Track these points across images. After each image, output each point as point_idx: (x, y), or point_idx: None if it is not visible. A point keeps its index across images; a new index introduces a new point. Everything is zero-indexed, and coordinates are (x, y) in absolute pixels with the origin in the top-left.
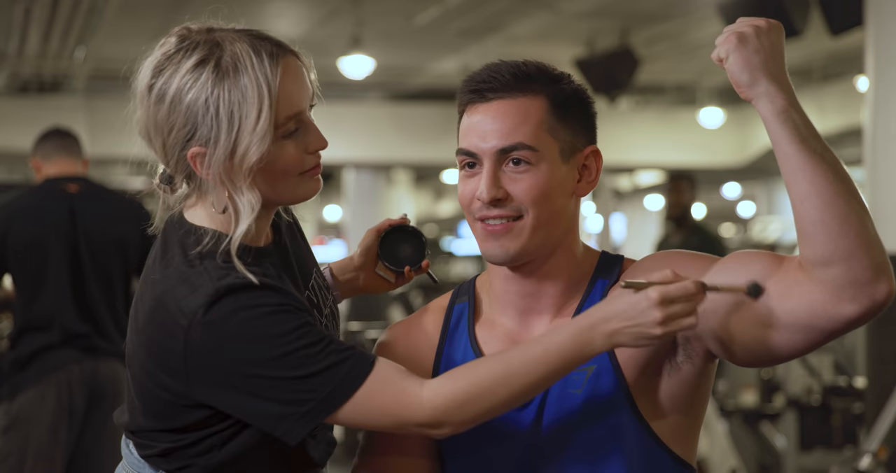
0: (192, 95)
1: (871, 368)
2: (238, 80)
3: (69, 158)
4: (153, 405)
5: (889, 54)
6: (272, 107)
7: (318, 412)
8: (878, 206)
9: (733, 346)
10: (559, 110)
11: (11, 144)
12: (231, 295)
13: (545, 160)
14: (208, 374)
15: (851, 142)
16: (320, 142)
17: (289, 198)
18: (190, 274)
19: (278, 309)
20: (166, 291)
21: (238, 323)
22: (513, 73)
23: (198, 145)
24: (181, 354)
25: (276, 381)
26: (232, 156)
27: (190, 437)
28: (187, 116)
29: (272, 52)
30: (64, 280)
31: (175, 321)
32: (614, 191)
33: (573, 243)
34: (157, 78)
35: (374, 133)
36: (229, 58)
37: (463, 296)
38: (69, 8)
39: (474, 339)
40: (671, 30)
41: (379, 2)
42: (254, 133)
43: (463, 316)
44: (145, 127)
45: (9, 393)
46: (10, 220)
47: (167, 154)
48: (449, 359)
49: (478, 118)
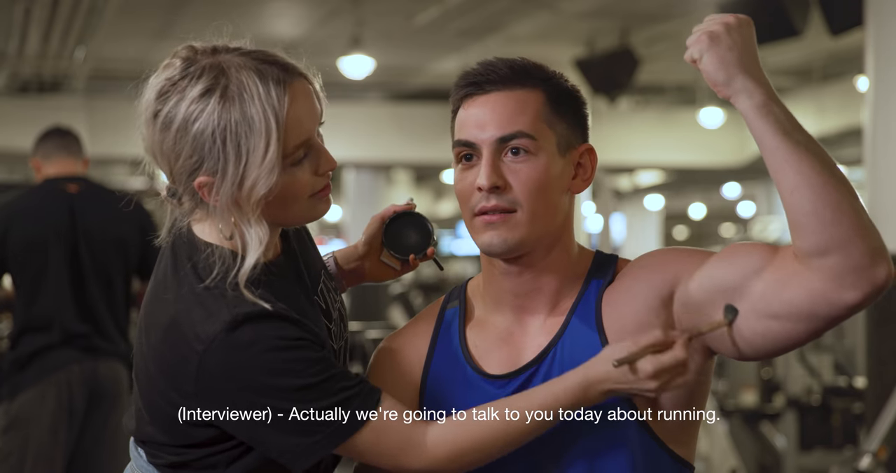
0: (199, 126)
1: (871, 368)
2: (245, 111)
3: (69, 158)
4: (161, 419)
5: (889, 54)
6: (280, 139)
7: (324, 444)
8: (878, 206)
9: (736, 340)
10: (555, 104)
11: (11, 144)
12: (249, 324)
13: (543, 150)
14: (219, 398)
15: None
16: (330, 164)
17: (299, 221)
18: (205, 298)
19: (295, 343)
20: (181, 312)
21: (255, 353)
22: (510, 67)
23: (205, 175)
24: (193, 376)
25: (286, 412)
26: (240, 188)
27: (195, 453)
28: (194, 147)
29: (279, 79)
30: (64, 280)
31: (189, 344)
32: (614, 191)
33: (569, 241)
34: (163, 104)
35: (374, 133)
36: (235, 87)
37: (454, 301)
38: (69, 8)
39: (464, 343)
40: (671, 30)
41: (379, 2)
42: (262, 166)
43: (454, 320)
44: (151, 150)
45: (9, 393)
46: (10, 220)
47: (175, 178)
48: (439, 366)
49: (475, 109)
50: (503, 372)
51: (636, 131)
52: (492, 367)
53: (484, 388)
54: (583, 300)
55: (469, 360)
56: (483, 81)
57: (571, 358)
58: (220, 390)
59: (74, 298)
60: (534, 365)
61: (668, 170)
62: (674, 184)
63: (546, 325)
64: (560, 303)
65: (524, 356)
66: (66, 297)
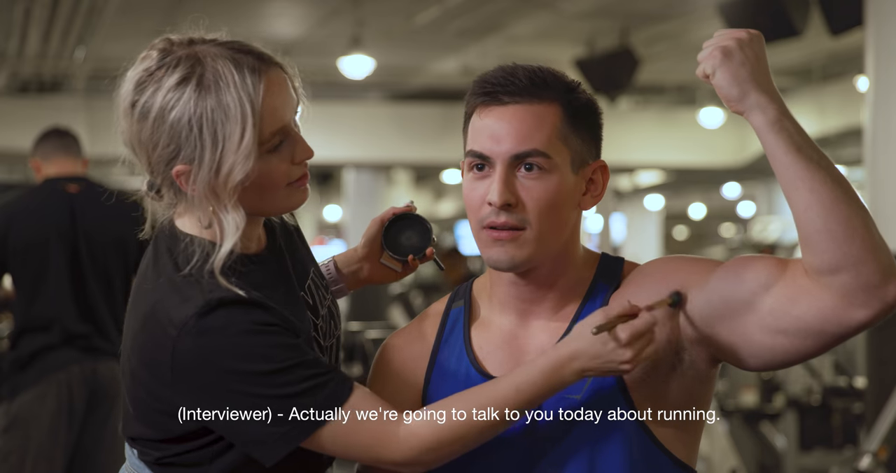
0: (175, 114)
1: (871, 368)
2: (221, 99)
3: (69, 158)
4: (145, 413)
5: (889, 54)
6: (256, 125)
7: (295, 435)
8: (878, 206)
9: (742, 353)
10: (572, 119)
11: (11, 144)
12: (222, 309)
13: (557, 168)
14: (193, 385)
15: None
16: (306, 153)
17: (276, 210)
18: (181, 285)
19: (266, 328)
20: (158, 301)
21: (227, 336)
22: (529, 78)
23: (182, 164)
24: (168, 363)
25: (258, 399)
26: (217, 175)
27: (178, 448)
28: (171, 135)
29: (254, 67)
30: (64, 280)
31: (164, 331)
32: (614, 191)
33: (574, 250)
34: (140, 94)
35: (374, 133)
36: (211, 75)
37: (459, 300)
38: (69, 8)
39: (469, 343)
40: (671, 30)
41: (379, 2)
42: (238, 152)
43: (458, 319)
44: (129, 141)
45: (9, 392)
46: (10, 220)
47: (153, 169)
48: (442, 365)
49: (491, 121)
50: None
51: (636, 131)
52: (495, 369)
53: None
54: (587, 306)
55: (473, 361)
56: (501, 92)
57: None
58: (194, 376)
59: (74, 298)
60: None
61: (668, 170)
62: (674, 184)
63: (550, 328)
64: (565, 307)
65: (527, 356)
66: (67, 297)
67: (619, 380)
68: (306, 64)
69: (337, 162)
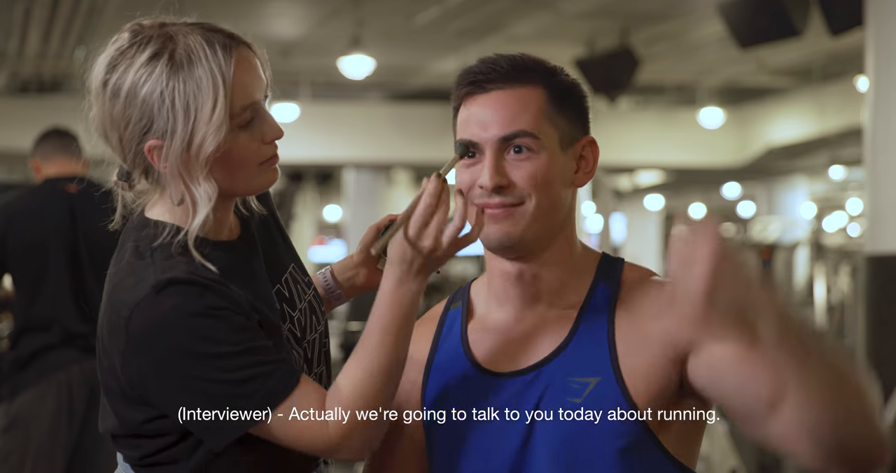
0: (148, 88)
1: (871, 368)
2: (192, 72)
3: (69, 158)
4: (113, 404)
5: (889, 54)
6: (227, 97)
7: (238, 423)
8: (878, 206)
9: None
10: (557, 100)
11: (11, 144)
12: (171, 288)
13: (545, 148)
14: (144, 367)
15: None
16: (276, 132)
17: (246, 189)
18: (137, 267)
19: (216, 312)
20: (116, 285)
21: (175, 317)
22: (510, 64)
23: (154, 138)
24: (122, 345)
25: (203, 382)
26: (188, 147)
27: (152, 445)
28: (143, 110)
29: (225, 44)
30: (64, 280)
31: (118, 313)
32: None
33: (571, 236)
34: (112, 73)
35: (374, 133)
36: (183, 50)
37: (457, 302)
38: (69, 8)
39: (466, 342)
40: (671, 30)
41: (379, 2)
42: (210, 123)
43: (456, 320)
44: (101, 123)
45: (9, 392)
46: (10, 220)
47: (124, 149)
48: (440, 364)
49: (477, 109)
50: (505, 370)
51: (636, 131)
52: (492, 363)
53: (484, 383)
54: (590, 307)
55: (470, 357)
56: (484, 80)
57: (576, 366)
58: (144, 357)
59: (74, 298)
60: (538, 368)
61: (668, 170)
62: (674, 184)
63: (548, 323)
64: (561, 299)
65: (526, 354)
66: (66, 297)
67: (623, 390)
68: (306, 64)
69: (337, 162)
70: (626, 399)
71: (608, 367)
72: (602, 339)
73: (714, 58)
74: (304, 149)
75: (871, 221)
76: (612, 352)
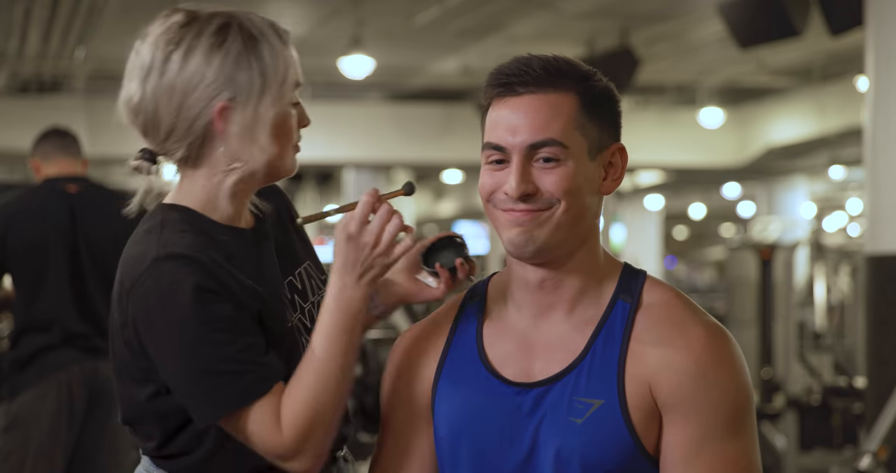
0: (223, 52)
1: (871, 368)
2: (265, 41)
3: (68, 158)
4: (123, 384)
5: (889, 54)
6: (291, 68)
7: (211, 411)
8: (878, 206)
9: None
10: (588, 107)
11: (11, 144)
12: (172, 262)
13: (573, 157)
14: (146, 340)
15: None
16: (307, 120)
17: (279, 169)
18: (144, 242)
19: (204, 295)
20: (123, 262)
21: (169, 288)
22: (544, 68)
23: (226, 100)
24: (125, 317)
25: (187, 359)
26: (257, 108)
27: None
28: (217, 73)
29: (279, 29)
30: (64, 280)
31: (122, 284)
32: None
33: (594, 245)
34: (177, 46)
35: (374, 133)
36: (250, 24)
37: (475, 297)
38: (69, 8)
39: (481, 341)
40: (671, 30)
41: (379, 2)
42: (281, 87)
43: (472, 316)
44: (154, 99)
45: (9, 393)
46: (10, 220)
47: (179, 119)
48: (454, 362)
49: (507, 112)
50: (518, 380)
51: (636, 131)
52: (506, 370)
53: (495, 390)
54: (608, 323)
55: (483, 360)
56: (515, 82)
57: (584, 386)
58: (142, 331)
59: (74, 298)
60: (548, 384)
61: (668, 170)
62: (674, 184)
63: (564, 335)
64: (580, 310)
65: (540, 367)
66: (66, 297)
67: (625, 414)
68: (306, 64)
69: (337, 162)
70: (627, 424)
71: (613, 390)
72: (613, 361)
73: (714, 58)
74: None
75: (871, 221)
76: (621, 375)
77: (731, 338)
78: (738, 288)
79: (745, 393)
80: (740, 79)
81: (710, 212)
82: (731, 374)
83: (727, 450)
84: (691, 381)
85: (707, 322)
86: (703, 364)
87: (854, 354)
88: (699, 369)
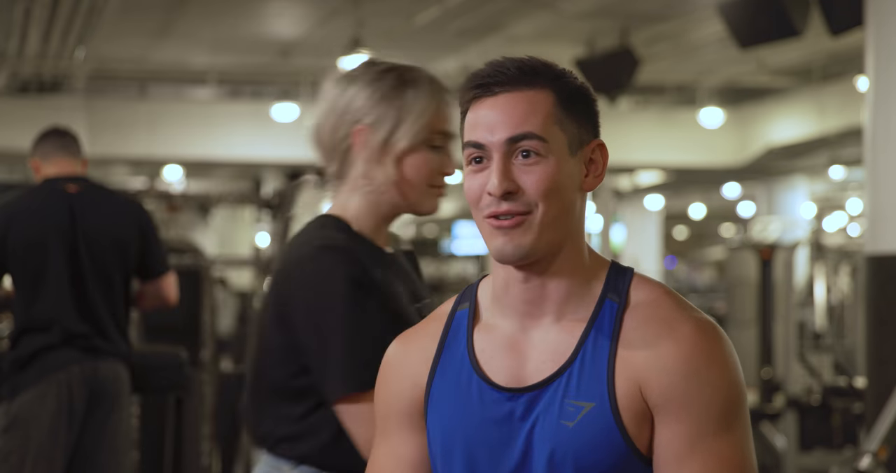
0: (373, 88)
1: (871, 368)
2: (413, 88)
3: (68, 158)
4: (269, 371)
5: (889, 54)
6: (434, 113)
7: (340, 387)
8: (878, 206)
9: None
10: (565, 104)
11: (11, 144)
12: (327, 252)
13: (554, 152)
14: (296, 316)
15: (851, 142)
16: (451, 168)
17: (414, 204)
18: (306, 236)
19: (360, 280)
20: (286, 260)
21: (328, 271)
22: (518, 68)
23: (364, 125)
24: (285, 297)
25: (331, 335)
26: (388, 138)
27: (297, 411)
28: (365, 103)
29: (444, 86)
30: (64, 280)
31: (287, 267)
32: (614, 191)
33: (579, 243)
34: (350, 82)
35: None
36: (409, 74)
37: (465, 303)
38: (69, 8)
39: (471, 347)
40: (671, 30)
41: (379, 2)
42: (411, 126)
43: (462, 323)
44: (325, 115)
45: (9, 392)
46: (9, 220)
47: (334, 133)
48: (445, 368)
49: (485, 111)
50: (510, 385)
51: (636, 131)
52: (497, 376)
53: (487, 396)
54: (597, 324)
55: (475, 365)
56: (491, 82)
57: (575, 389)
58: (297, 305)
59: (74, 298)
60: (539, 388)
61: (668, 170)
62: (674, 184)
63: (553, 338)
64: (568, 311)
65: (530, 371)
66: (66, 298)
67: (617, 419)
68: (306, 64)
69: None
70: (619, 426)
71: (604, 392)
72: (602, 362)
73: (714, 58)
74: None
75: (871, 221)
76: (611, 377)
77: (721, 334)
78: (738, 289)
79: (737, 389)
80: (740, 79)
81: (710, 212)
82: (722, 370)
83: (720, 447)
84: (682, 380)
85: (696, 318)
86: (694, 362)
87: (854, 354)
88: (689, 368)
